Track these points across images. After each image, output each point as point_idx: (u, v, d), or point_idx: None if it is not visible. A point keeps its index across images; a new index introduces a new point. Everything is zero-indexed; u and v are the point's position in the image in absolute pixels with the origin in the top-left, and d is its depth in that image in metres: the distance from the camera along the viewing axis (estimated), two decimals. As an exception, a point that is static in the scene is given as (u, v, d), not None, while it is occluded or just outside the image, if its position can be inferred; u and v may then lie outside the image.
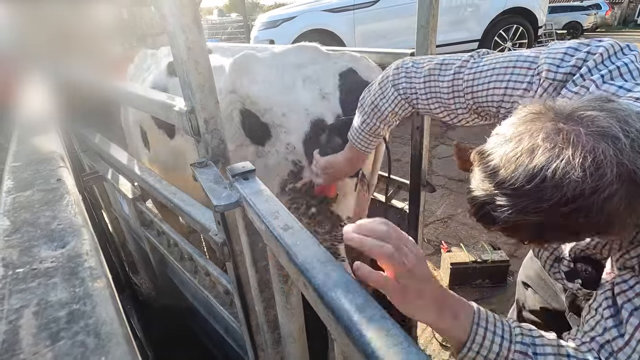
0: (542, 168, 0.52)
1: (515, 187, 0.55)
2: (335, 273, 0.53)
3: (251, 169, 0.82)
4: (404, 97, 0.99)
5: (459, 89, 0.88)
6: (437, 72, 0.91)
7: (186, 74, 0.83)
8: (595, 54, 0.70)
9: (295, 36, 6.11)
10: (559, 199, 0.52)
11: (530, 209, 0.55)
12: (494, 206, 0.59)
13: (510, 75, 0.79)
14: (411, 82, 0.96)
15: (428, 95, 0.94)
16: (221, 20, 15.99)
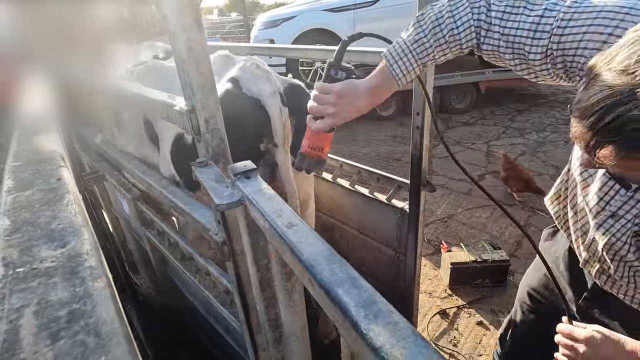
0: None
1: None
2: (341, 269, 0.53)
3: (253, 167, 0.82)
4: (476, 24, 0.83)
5: (545, 28, 0.74)
6: (523, 3, 0.77)
7: (187, 74, 0.83)
8: None
9: (295, 36, 6.12)
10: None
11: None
12: (632, 106, 0.48)
13: (619, 22, 0.65)
14: (489, 9, 0.81)
15: (502, 31, 0.80)
16: (221, 19, 15.99)
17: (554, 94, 7.93)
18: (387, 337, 0.41)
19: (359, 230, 2.16)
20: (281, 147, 1.46)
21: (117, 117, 1.90)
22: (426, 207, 1.72)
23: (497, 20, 0.80)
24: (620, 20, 0.65)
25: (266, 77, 1.45)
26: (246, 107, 1.39)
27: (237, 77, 1.43)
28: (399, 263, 1.98)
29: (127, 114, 1.80)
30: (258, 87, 1.42)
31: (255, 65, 1.48)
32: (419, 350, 0.40)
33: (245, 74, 1.44)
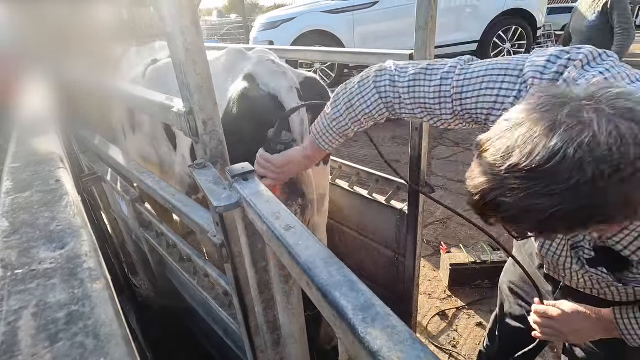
0: (563, 145, 0.50)
1: (531, 167, 0.53)
2: (338, 272, 0.53)
3: (251, 169, 0.82)
4: (384, 101, 0.98)
5: (447, 94, 0.87)
6: (422, 77, 0.91)
7: (184, 75, 0.83)
8: (576, 60, 0.72)
9: (294, 37, 6.12)
10: (579, 178, 0.50)
11: (546, 192, 0.53)
12: (504, 191, 0.57)
13: (501, 83, 0.79)
14: (395, 86, 0.95)
15: (412, 100, 0.93)
16: (220, 21, 16.00)
17: (553, 96, 7.93)
18: (384, 341, 0.41)
19: (358, 232, 2.16)
20: (300, 142, 1.45)
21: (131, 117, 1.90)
22: (425, 208, 1.72)
23: (406, 94, 0.93)
24: (502, 81, 0.79)
25: (282, 73, 1.43)
26: (264, 103, 1.38)
27: (254, 72, 1.41)
28: (398, 264, 1.98)
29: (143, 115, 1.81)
30: (275, 83, 1.41)
31: (271, 60, 1.46)
32: (416, 354, 0.40)
33: (261, 70, 1.42)
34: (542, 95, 0.59)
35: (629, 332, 0.86)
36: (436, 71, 0.89)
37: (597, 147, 0.49)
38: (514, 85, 0.78)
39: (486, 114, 0.83)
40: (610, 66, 0.70)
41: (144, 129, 1.81)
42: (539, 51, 0.79)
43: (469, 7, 6.31)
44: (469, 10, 6.33)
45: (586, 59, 0.71)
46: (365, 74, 1.01)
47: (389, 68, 0.97)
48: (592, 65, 0.71)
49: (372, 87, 0.97)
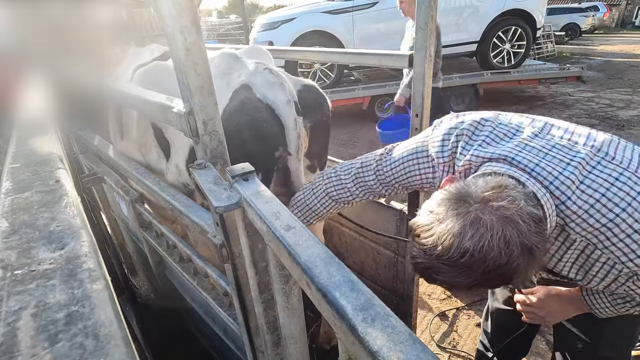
0: (471, 247, 0.69)
1: (452, 260, 0.71)
2: (338, 272, 0.53)
3: (251, 170, 0.82)
4: (336, 200, 1.28)
5: (385, 181, 1.14)
6: (361, 174, 1.18)
7: (185, 76, 0.83)
8: (462, 134, 0.95)
9: (294, 38, 6.12)
10: (484, 268, 0.70)
11: (463, 275, 0.73)
12: (435, 271, 0.75)
13: (418, 165, 1.06)
14: (343, 186, 1.22)
15: (362, 191, 1.21)
16: (220, 21, 16.01)
17: (552, 96, 7.95)
18: (384, 341, 0.41)
19: (357, 232, 2.16)
20: (295, 155, 1.44)
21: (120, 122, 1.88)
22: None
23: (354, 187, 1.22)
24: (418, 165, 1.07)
25: (280, 84, 1.39)
26: (261, 115, 1.34)
27: (250, 83, 1.38)
28: (398, 265, 1.98)
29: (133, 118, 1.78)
30: (273, 95, 1.37)
31: (268, 70, 1.41)
32: (416, 354, 0.40)
33: (258, 80, 1.38)
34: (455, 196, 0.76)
35: (595, 306, 1.01)
36: (369, 167, 1.17)
37: (491, 251, 0.69)
38: (428, 165, 1.04)
39: (420, 186, 1.10)
40: (489, 131, 0.93)
41: (132, 135, 1.78)
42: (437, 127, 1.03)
43: (469, 8, 6.31)
44: (468, 10, 6.33)
45: (469, 131, 0.94)
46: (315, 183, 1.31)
47: (332, 174, 1.26)
48: (476, 134, 0.94)
49: (325, 195, 1.28)
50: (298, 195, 1.36)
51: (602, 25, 19.71)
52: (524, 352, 1.63)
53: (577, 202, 0.79)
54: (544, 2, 6.79)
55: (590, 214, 0.78)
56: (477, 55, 6.81)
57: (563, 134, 0.87)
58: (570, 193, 0.79)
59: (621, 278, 0.84)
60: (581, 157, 0.81)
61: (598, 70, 10.13)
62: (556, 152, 0.84)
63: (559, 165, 0.81)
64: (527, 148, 0.86)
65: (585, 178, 0.80)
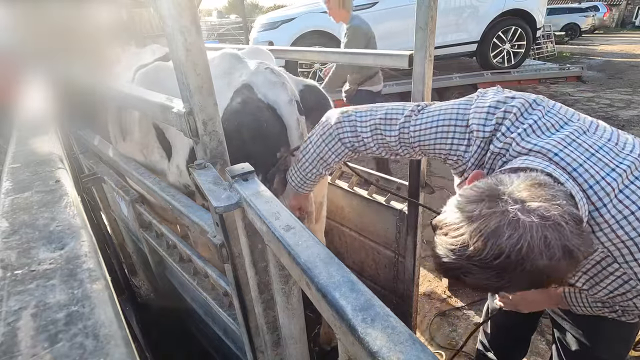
0: (508, 248, 0.65)
1: (485, 261, 0.67)
2: (338, 272, 0.53)
3: (250, 170, 0.82)
4: (350, 148, 1.14)
5: (407, 141, 1.02)
6: (382, 127, 1.05)
7: (185, 76, 0.83)
8: (511, 112, 0.87)
9: (294, 38, 6.11)
10: (521, 271, 0.66)
11: (496, 276, 0.68)
12: (464, 271, 0.71)
13: (453, 133, 0.94)
14: (357, 135, 1.09)
15: (377, 145, 1.09)
16: (220, 21, 16.00)
17: (552, 96, 7.95)
18: (384, 342, 0.41)
19: (357, 232, 2.16)
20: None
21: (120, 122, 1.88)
22: (425, 209, 1.72)
23: (370, 142, 1.09)
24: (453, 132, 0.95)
25: (282, 84, 1.37)
26: (263, 115, 1.33)
27: (251, 82, 1.36)
28: (398, 265, 1.98)
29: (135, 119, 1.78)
30: (274, 95, 1.36)
31: (270, 69, 1.40)
32: (416, 355, 0.40)
33: (259, 79, 1.37)
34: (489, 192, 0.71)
35: (574, 303, 1.02)
36: (394, 121, 1.03)
37: (531, 252, 0.64)
38: (463, 136, 0.94)
39: (444, 156, 0.99)
40: (538, 117, 0.86)
41: (134, 136, 1.78)
42: (481, 96, 0.94)
43: (469, 8, 6.31)
44: (468, 10, 6.33)
45: (519, 111, 0.87)
46: (325, 125, 1.16)
47: (349, 118, 1.11)
48: (524, 116, 0.87)
49: (337, 139, 1.14)
50: (306, 144, 1.23)
51: (602, 25, 19.71)
52: (523, 352, 1.63)
53: (612, 211, 0.76)
54: (544, 2, 6.79)
55: (621, 225, 0.75)
56: (477, 55, 6.81)
57: (610, 136, 0.83)
58: (607, 200, 0.76)
59: (630, 294, 0.82)
60: (627, 164, 0.78)
61: (598, 70, 10.13)
62: (603, 154, 0.79)
63: (604, 170, 0.77)
64: (574, 144, 0.80)
65: (626, 188, 0.77)
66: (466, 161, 0.95)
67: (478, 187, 0.73)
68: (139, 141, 1.76)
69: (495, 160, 0.89)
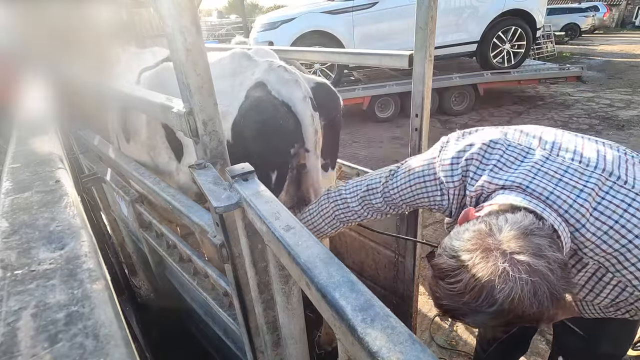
0: (500, 299, 0.70)
1: (480, 307, 0.72)
2: (338, 272, 0.53)
3: (250, 170, 0.82)
4: (343, 222, 1.29)
5: (394, 201, 1.14)
6: (368, 197, 1.18)
7: (185, 76, 0.83)
8: (472, 159, 0.94)
9: (294, 38, 6.12)
10: (514, 315, 0.71)
11: (491, 320, 0.73)
12: (462, 314, 0.76)
13: (426, 189, 1.05)
14: (350, 210, 1.23)
15: (368, 212, 1.22)
16: (220, 21, 16.00)
17: (552, 96, 7.95)
18: (384, 342, 0.41)
19: (357, 232, 2.16)
20: (313, 152, 1.44)
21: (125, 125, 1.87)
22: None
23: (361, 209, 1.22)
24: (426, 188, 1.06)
25: (295, 81, 1.39)
26: (278, 112, 1.35)
27: (265, 80, 1.38)
28: (398, 265, 1.98)
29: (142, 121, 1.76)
30: (288, 92, 1.38)
31: (282, 67, 1.41)
32: (415, 355, 0.40)
33: (273, 77, 1.39)
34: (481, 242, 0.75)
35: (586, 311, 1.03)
36: (376, 189, 1.16)
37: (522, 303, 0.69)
38: (435, 188, 1.03)
39: (428, 207, 1.10)
40: (500, 155, 0.92)
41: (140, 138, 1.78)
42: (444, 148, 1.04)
43: (469, 8, 6.31)
44: (468, 11, 6.33)
45: (479, 155, 0.94)
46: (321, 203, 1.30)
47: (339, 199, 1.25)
48: (486, 157, 0.93)
49: (333, 217, 1.28)
50: (304, 215, 1.36)
51: (602, 25, 19.70)
52: (522, 351, 1.63)
53: (591, 229, 0.80)
54: (544, 2, 6.79)
55: (603, 240, 0.79)
56: (477, 55, 6.82)
57: (573, 155, 0.87)
58: (584, 221, 0.80)
59: (630, 298, 0.85)
60: (594, 182, 0.81)
61: (598, 70, 10.13)
62: (569, 177, 0.83)
63: (573, 193, 0.81)
64: (540, 173, 0.86)
65: (599, 205, 0.80)
66: (447, 208, 1.04)
67: (471, 235, 0.78)
68: (145, 143, 1.75)
69: (475, 200, 0.95)
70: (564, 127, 5.96)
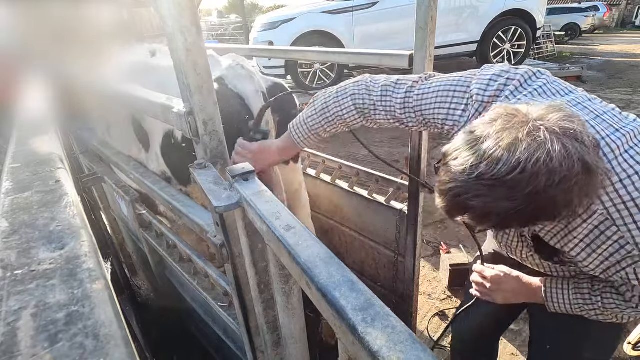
0: (525, 160, 0.61)
1: (497, 178, 0.63)
2: (338, 272, 0.53)
3: (251, 170, 0.82)
4: (360, 109, 1.11)
5: (410, 105, 1.03)
6: (391, 89, 1.06)
7: (185, 76, 0.83)
8: (514, 79, 0.88)
9: (294, 38, 6.12)
10: (535, 186, 0.62)
11: (508, 197, 0.64)
12: (473, 195, 0.67)
13: (452, 98, 0.96)
14: (370, 96, 1.09)
15: (384, 108, 1.08)
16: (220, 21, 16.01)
17: (552, 96, 7.95)
18: (384, 341, 0.41)
19: (358, 232, 2.16)
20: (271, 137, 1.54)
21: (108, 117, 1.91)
22: (425, 209, 1.72)
23: (379, 103, 1.08)
24: (452, 97, 0.96)
25: (249, 77, 1.53)
26: (233, 103, 1.48)
27: (224, 76, 1.52)
28: (398, 264, 1.98)
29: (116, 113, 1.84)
30: (242, 86, 1.52)
31: (240, 65, 1.56)
32: (416, 355, 0.40)
33: (231, 73, 1.53)
34: (504, 112, 0.69)
35: (552, 300, 1.01)
36: (402, 85, 1.05)
37: (550, 162, 0.61)
38: (461, 100, 0.95)
39: (441, 122, 1.00)
40: (543, 83, 0.86)
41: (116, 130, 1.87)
42: (486, 68, 0.95)
43: (469, 8, 6.31)
44: (468, 10, 6.33)
45: (522, 78, 0.87)
46: (344, 84, 1.15)
47: (365, 80, 1.11)
48: (528, 83, 0.87)
49: (348, 95, 1.11)
50: (320, 96, 1.20)
51: (602, 25, 19.72)
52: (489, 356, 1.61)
53: (616, 169, 0.76)
54: (544, 2, 6.80)
55: (624, 184, 0.75)
56: (477, 55, 6.82)
57: (613, 108, 0.84)
58: (612, 157, 0.76)
59: (624, 262, 0.81)
60: (631, 127, 0.79)
61: (598, 70, 10.13)
62: (608, 117, 0.81)
63: (608, 129, 0.78)
64: (579, 107, 0.82)
65: (631, 149, 0.77)
66: (462, 126, 0.94)
67: (491, 112, 0.71)
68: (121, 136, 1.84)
69: None
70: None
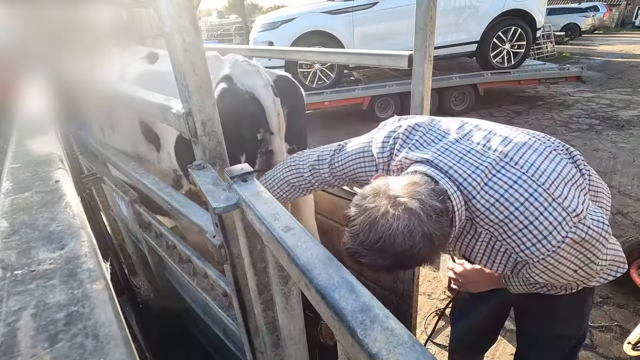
0: (383, 234, 0.82)
1: (369, 245, 0.84)
2: (337, 273, 0.53)
3: (249, 170, 0.82)
4: (294, 187, 1.37)
5: (338, 174, 1.27)
6: (317, 166, 1.30)
7: (183, 76, 0.83)
8: (398, 138, 1.09)
9: (294, 38, 6.12)
10: (394, 251, 0.83)
11: (380, 257, 0.85)
12: (360, 255, 0.87)
13: (363, 163, 1.19)
14: (301, 176, 1.34)
15: (316, 181, 1.33)
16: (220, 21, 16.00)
17: (552, 96, 7.96)
18: (383, 343, 0.41)
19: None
20: (277, 134, 1.57)
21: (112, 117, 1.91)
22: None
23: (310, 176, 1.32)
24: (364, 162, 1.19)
25: (257, 72, 1.54)
26: (243, 100, 1.48)
27: (230, 74, 1.52)
28: (397, 265, 1.98)
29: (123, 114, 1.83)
30: (251, 81, 1.52)
31: (246, 62, 1.57)
32: (415, 357, 0.40)
33: (237, 71, 1.53)
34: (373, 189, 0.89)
35: (510, 284, 1.17)
36: (324, 160, 1.28)
37: (397, 237, 0.81)
38: (371, 164, 1.17)
39: (364, 180, 1.21)
40: (420, 136, 1.08)
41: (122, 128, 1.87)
42: (380, 130, 1.18)
43: (469, 8, 6.31)
44: (468, 10, 6.33)
45: (404, 135, 1.09)
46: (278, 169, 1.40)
47: (292, 165, 1.35)
48: (410, 137, 1.08)
49: (284, 182, 1.37)
50: (264, 177, 1.45)
51: (602, 25, 19.70)
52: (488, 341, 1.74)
53: (481, 201, 0.93)
54: (544, 2, 6.79)
55: (491, 211, 0.92)
56: (477, 55, 6.81)
57: (481, 140, 1.01)
58: (475, 193, 0.93)
59: (519, 265, 0.99)
60: (489, 162, 0.95)
61: (598, 70, 10.13)
62: (470, 157, 0.98)
63: (469, 169, 0.95)
64: (446, 152, 1.00)
65: (490, 180, 0.93)
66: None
67: (371, 186, 0.91)
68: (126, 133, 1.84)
69: (397, 173, 1.10)
70: (563, 127, 5.97)
